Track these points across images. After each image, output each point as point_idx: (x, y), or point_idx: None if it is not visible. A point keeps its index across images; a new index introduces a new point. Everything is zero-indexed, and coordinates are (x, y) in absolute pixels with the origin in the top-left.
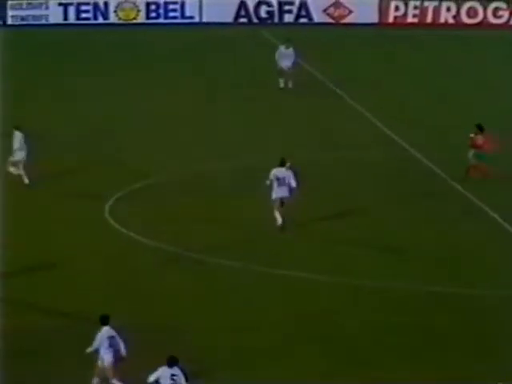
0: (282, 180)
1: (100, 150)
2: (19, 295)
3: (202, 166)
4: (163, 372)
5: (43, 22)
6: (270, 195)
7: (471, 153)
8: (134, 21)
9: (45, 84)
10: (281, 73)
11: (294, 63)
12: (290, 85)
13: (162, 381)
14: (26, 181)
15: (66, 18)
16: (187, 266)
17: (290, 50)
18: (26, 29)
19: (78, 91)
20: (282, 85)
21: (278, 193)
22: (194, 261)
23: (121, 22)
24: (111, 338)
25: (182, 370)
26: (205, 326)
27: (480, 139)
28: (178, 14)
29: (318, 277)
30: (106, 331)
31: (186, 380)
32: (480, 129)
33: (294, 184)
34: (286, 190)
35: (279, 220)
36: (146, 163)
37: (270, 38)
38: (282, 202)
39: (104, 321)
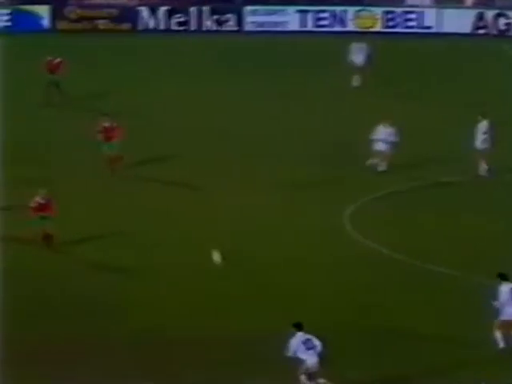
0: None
1: (344, 159)
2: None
3: (442, 178)
4: None
5: (281, 28)
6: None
7: None
8: (372, 29)
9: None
10: (354, 70)
11: (368, 59)
12: (358, 83)
13: None
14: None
15: (303, 25)
16: (426, 279)
17: (363, 45)
18: (262, 35)
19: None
20: (355, 83)
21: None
22: (432, 274)
23: (358, 30)
24: (307, 340)
25: None
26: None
27: None
28: (415, 23)
29: None
30: (300, 336)
31: None
32: None
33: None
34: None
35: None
36: (387, 171)
37: (510, 51)
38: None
39: (298, 326)
